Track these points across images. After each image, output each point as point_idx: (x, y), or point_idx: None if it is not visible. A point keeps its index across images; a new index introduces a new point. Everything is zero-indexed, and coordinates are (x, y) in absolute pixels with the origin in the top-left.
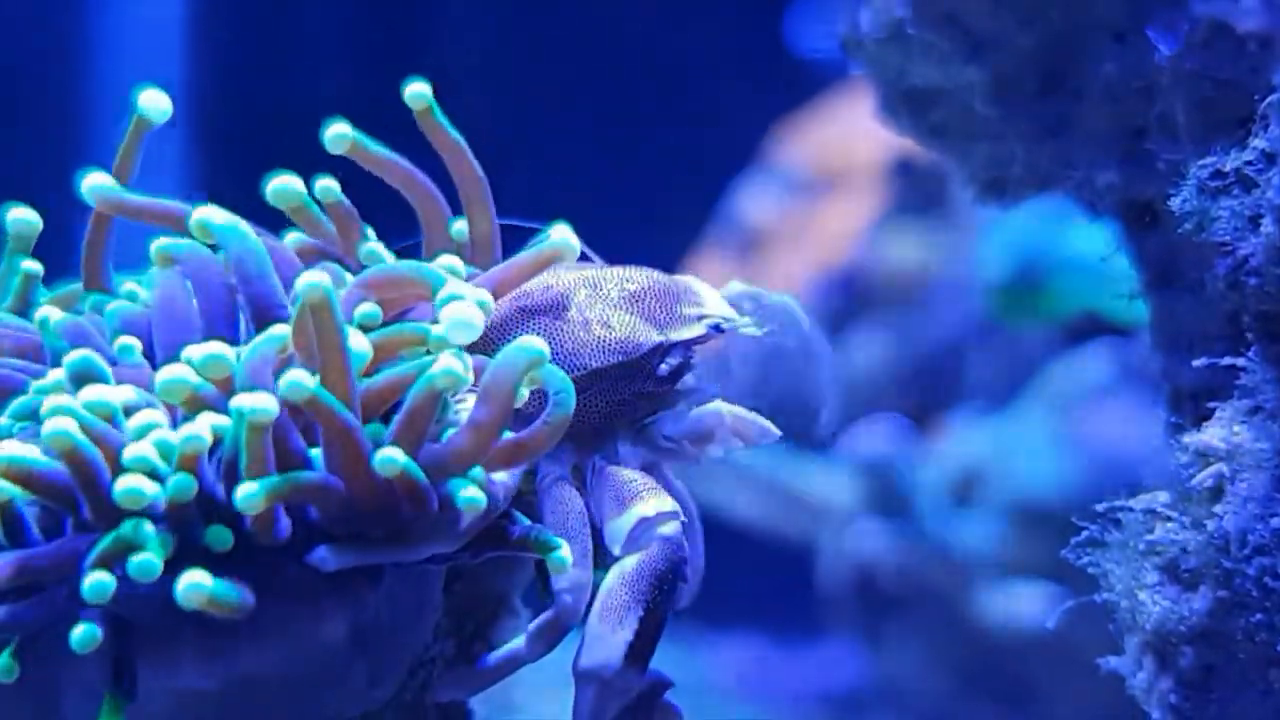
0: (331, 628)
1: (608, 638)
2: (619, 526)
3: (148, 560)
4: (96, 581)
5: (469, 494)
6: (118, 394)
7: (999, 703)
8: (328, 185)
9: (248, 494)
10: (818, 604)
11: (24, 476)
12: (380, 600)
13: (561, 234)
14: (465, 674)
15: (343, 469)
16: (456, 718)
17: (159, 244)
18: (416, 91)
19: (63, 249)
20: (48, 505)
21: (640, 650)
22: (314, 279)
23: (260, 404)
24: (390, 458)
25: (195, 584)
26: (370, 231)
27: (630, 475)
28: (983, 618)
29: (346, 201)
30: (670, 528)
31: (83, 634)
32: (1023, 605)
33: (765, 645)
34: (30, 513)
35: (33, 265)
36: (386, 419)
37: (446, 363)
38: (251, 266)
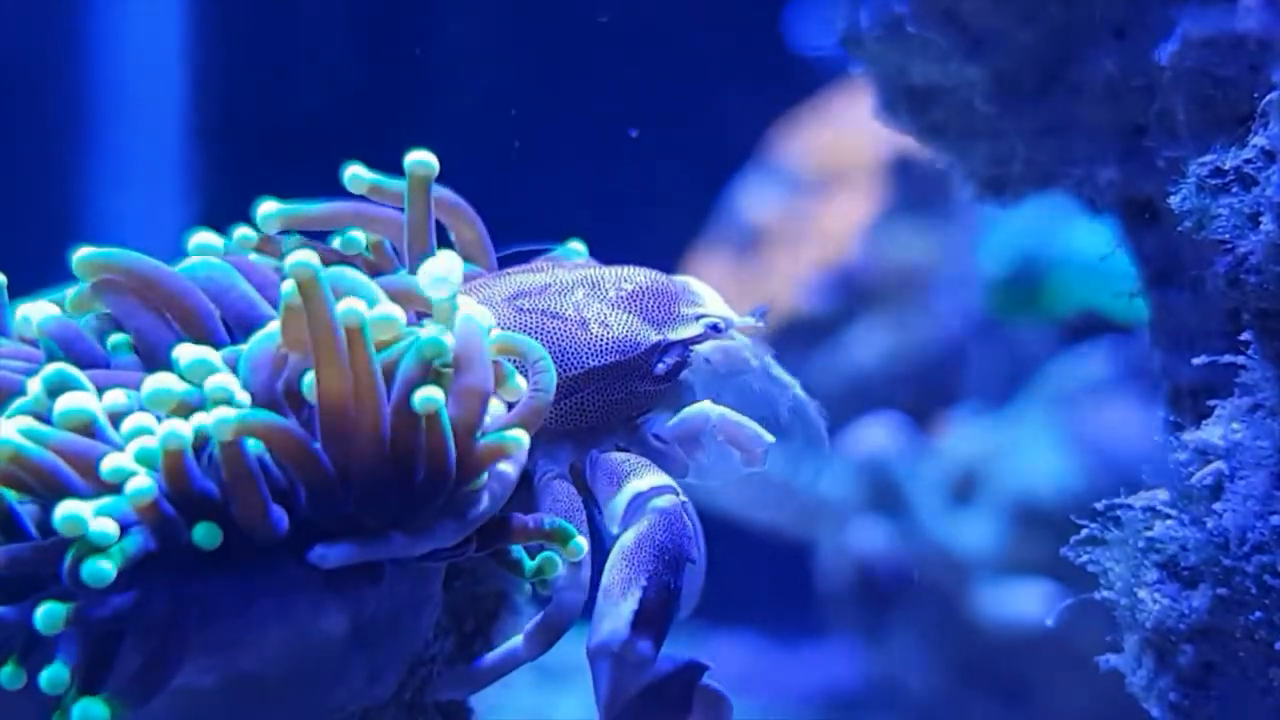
0: (331, 625)
1: (612, 611)
2: (615, 505)
3: (100, 568)
4: (49, 610)
5: (513, 434)
6: (97, 400)
7: (999, 701)
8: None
9: (220, 419)
10: (817, 603)
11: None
12: (380, 597)
13: (416, 155)
14: (463, 673)
15: (360, 419)
16: (456, 716)
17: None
18: (353, 174)
19: (60, 250)
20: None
21: (647, 618)
22: (302, 258)
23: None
24: (430, 397)
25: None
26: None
27: (623, 456)
28: (982, 616)
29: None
30: (666, 500)
31: (50, 675)
32: (1022, 603)
33: (765, 644)
34: (27, 511)
35: None
36: None
37: (430, 332)
38: (220, 281)
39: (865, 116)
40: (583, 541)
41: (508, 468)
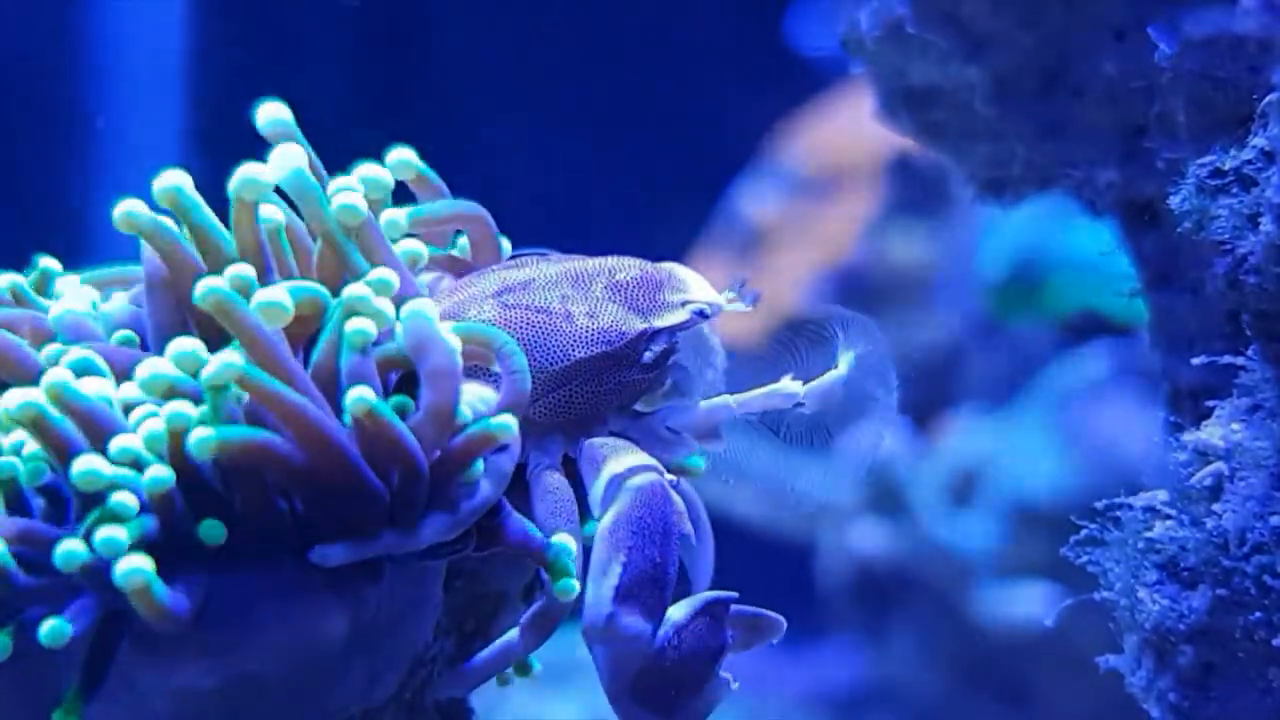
0: (332, 625)
1: (595, 592)
2: (595, 491)
3: (114, 538)
4: (68, 551)
5: (500, 420)
6: (116, 389)
7: (998, 701)
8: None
9: (201, 438)
10: (818, 604)
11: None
12: (381, 597)
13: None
14: (461, 670)
15: (305, 444)
16: (457, 716)
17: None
18: (401, 159)
19: (62, 247)
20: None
21: (630, 591)
22: (212, 284)
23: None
24: (361, 397)
25: (136, 569)
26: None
27: (602, 441)
28: (982, 616)
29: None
30: (642, 479)
31: (51, 629)
32: (1022, 604)
33: (764, 645)
34: (36, 504)
35: (50, 263)
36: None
37: (356, 324)
38: None
39: (865, 117)
40: (575, 584)
41: (503, 460)
